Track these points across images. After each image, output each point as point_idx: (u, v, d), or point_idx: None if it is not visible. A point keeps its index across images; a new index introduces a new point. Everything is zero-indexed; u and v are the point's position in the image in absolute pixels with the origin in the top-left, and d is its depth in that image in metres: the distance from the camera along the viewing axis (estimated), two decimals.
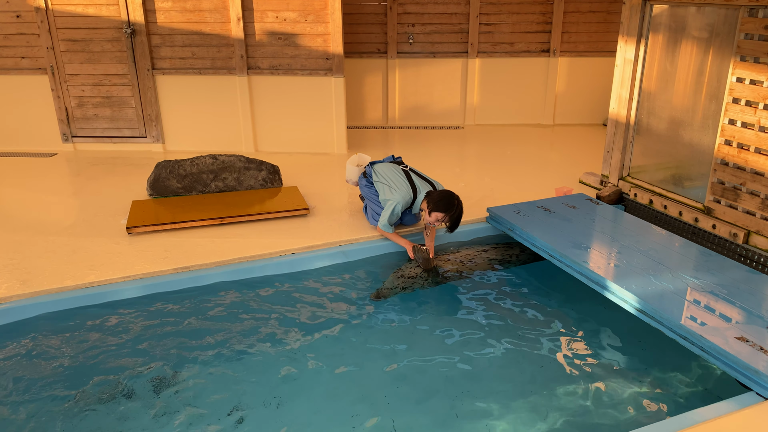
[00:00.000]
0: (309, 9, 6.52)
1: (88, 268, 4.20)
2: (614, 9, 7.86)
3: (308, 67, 6.73)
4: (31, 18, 6.62)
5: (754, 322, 3.34)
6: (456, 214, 4.36)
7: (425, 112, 8.32)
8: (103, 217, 5.08)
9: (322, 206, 5.30)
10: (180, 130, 7.01)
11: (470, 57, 8.04)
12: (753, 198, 4.31)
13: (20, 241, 4.63)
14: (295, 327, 3.82)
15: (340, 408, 3.17)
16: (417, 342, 3.72)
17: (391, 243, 4.67)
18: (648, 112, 5.22)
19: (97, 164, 6.56)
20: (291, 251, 4.51)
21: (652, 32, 5.05)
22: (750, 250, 4.34)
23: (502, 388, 3.33)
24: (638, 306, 3.59)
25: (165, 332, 3.74)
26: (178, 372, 3.41)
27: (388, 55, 8.04)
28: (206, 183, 5.44)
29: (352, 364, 3.51)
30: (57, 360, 3.49)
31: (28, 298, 3.90)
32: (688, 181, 4.92)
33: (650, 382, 3.38)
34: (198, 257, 4.36)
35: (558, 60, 8.05)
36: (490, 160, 6.82)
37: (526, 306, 4.11)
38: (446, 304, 4.15)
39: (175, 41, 6.70)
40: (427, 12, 7.93)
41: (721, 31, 4.46)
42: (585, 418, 3.11)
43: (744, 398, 2.97)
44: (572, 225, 4.59)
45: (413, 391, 3.29)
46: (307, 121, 6.90)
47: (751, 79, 4.21)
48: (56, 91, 6.86)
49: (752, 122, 4.24)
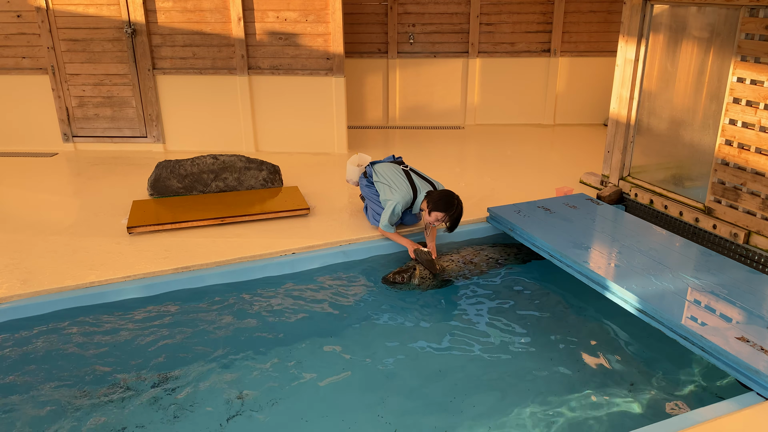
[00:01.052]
0: (309, 9, 6.53)
1: (88, 268, 4.21)
2: (615, 9, 7.86)
3: (309, 66, 6.73)
4: (32, 18, 6.62)
5: (754, 322, 3.33)
6: (456, 214, 4.35)
7: (426, 112, 8.31)
8: (104, 217, 5.08)
9: (323, 206, 5.31)
10: (180, 130, 7.01)
11: (471, 57, 8.04)
12: (753, 198, 4.31)
13: (21, 241, 4.63)
14: (295, 327, 3.82)
15: (341, 408, 3.17)
16: (418, 342, 3.72)
17: (392, 243, 4.67)
18: (648, 112, 5.22)
19: (98, 164, 6.57)
20: (291, 251, 4.51)
21: (652, 32, 5.05)
22: (750, 250, 4.34)
23: (503, 389, 3.33)
24: (639, 306, 3.59)
25: (165, 332, 3.74)
26: (179, 372, 3.41)
27: (388, 54, 8.04)
28: (207, 183, 5.45)
29: (352, 364, 3.51)
30: (57, 359, 3.49)
31: (28, 297, 3.90)
32: (689, 181, 4.92)
33: (651, 382, 3.38)
34: (198, 257, 4.36)
35: (558, 60, 8.05)
36: (490, 160, 6.82)
37: (526, 306, 4.11)
38: (447, 305, 4.15)
39: (176, 41, 6.70)
40: (428, 12, 7.93)
41: (722, 31, 4.46)
42: (585, 418, 3.12)
43: (744, 398, 2.97)
44: (573, 225, 4.59)
45: (414, 391, 3.30)
46: (308, 120, 6.90)
47: (751, 79, 4.21)
48: (57, 91, 6.86)
49: (753, 122, 4.24)
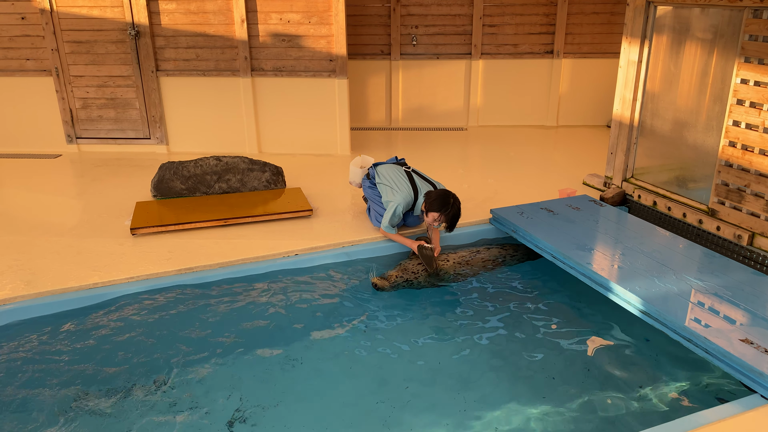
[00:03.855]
0: (312, 10, 6.53)
1: (92, 269, 4.21)
2: (618, 10, 7.85)
3: (312, 68, 6.74)
4: (36, 20, 6.64)
5: (758, 324, 3.32)
6: (452, 213, 4.31)
7: (428, 113, 8.32)
8: (107, 219, 5.09)
9: (326, 207, 5.31)
10: (184, 132, 7.03)
11: (474, 58, 8.04)
12: (757, 200, 4.30)
13: (24, 242, 4.64)
14: (297, 328, 3.82)
15: (342, 408, 3.17)
16: (419, 342, 3.72)
17: (394, 244, 4.67)
18: (652, 114, 5.21)
19: (101, 165, 6.58)
20: (294, 252, 4.52)
21: (656, 33, 5.04)
22: (754, 251, 4.32)
23: (505, 389, 3.32)
24: (642, 308, 3.58)
25: (168, 333, 3.74)
26: (181, 373, 3.41)
27: (391, 56, 8.04)
28: (210, 184, 5.45)
29: (354, 364, 3.51)
30: (60, 360, 3.49)
31: (32, 298, 3.91)
32: (692, 183, 4.91)
33: (654, 384, 3.37)
34: (202, 258, 4.37)
35: (561, 61, 8.04)
36: (493, 161, 6.81)
37: (527, 307, 4.10)
38: (448, 305, 4.14)
39: (179, 43, 6.72)
40: (431, 13, 7.94)
41: (726, 32, 4.45)
42: (588, 420, 3.11)
43: (748, 400, 2.96)
44: (576, 226, 4.58)
45: (415, 392, 3.29)
46: (311, 122, 6.91)
47: (755, 81, 4.20)
48: (61, 93, 6.88)
49: (756, 124, 4.23)
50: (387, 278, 4.25)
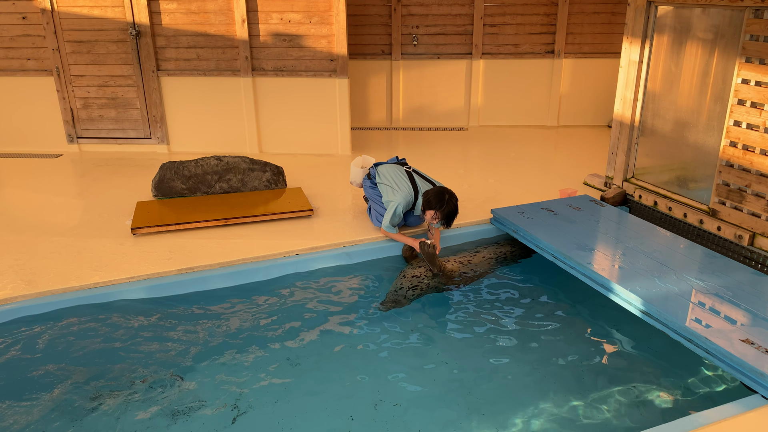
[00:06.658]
0: (313, 10, 6.53)
1: (92, 269, 4.22)
2: (619, 10, 7.84)
3: (312, 68, 6.74)
4: (37, 20, 6.65)
5: (759, 325, 3.32)
6: (447, 209, 4.31)
7: (429, 113, 8.31)
8: (108, 218, 5.09)
9: (326, 207, 5.31)
10: (185, 131, 7.03)
11: (474, 58, 8.03)
12: (758, 200, 4.30)
13: (25, 242, 4.65)
14: (298, 328, 3.83)
15: (343, 409, 3.18)
16: (420, 343, 3.72)
17: (396, 244, 4.67)
18: (653, 114, 5.21)
19: (102, 165, 6.59)
20: (295, 252, 4.52)
21: (656, 33, 5.04)
22: (755, 252, 4.32)
23: (505, 390, 3.32)
24: (643, 308, 3.58)
25: (169, 333, 3.75)
26: (181, 373, 3.42)
27: (392, 56, 8.04)
28: (211, 184, 5.46)
29: (355, 365, 3.51)
30: (61, 360, 3.50)
31: (33, 298, 3.91)
32: (693, 183, 4.90)
33: (655, 384, 3.37)
34: (202, 258, 4.37)
35: (562, 61, 8.04)
36: (494, 161, 6.81)
37: (528, 307, 4.10)
38: (449, 306, 4.14)
39: (180, 42, 6.72)
40: (432, 13, 7.93)
41: (726, 32, 4.45)
42: (589, 420, 3.11)
43: (749, 401, 2.96)
44: (576, 227, 4.58)
45: (416, 392, 3.29)
46: (312, 122, 6.91)
47: (756, 81, 4.20)
48: (62, 93, 6.89)
49: (757, 124, 4.23)
50: (389, 298, 4.18)
